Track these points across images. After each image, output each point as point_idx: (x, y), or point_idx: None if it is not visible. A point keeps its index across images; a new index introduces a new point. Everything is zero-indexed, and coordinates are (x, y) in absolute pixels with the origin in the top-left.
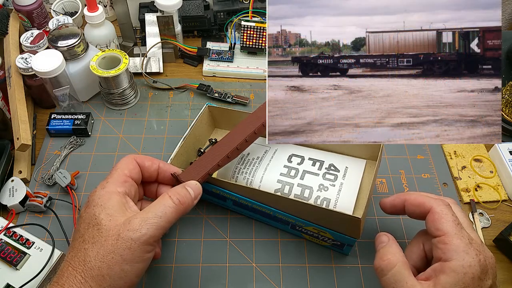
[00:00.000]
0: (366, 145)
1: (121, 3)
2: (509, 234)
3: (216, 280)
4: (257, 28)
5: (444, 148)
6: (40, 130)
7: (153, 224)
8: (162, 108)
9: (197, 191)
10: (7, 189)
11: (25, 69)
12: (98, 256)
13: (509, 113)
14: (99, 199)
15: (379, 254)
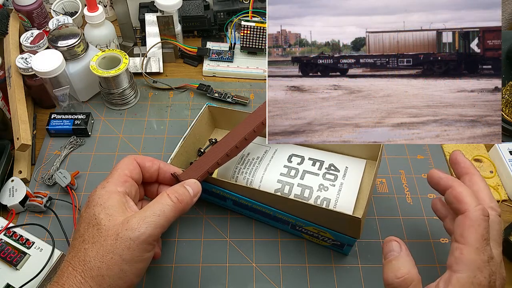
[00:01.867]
0: (366, 145)
1: (121, 3)
2: (509, 234)
3: (216, 280)
4: (257, 28)
5: (444, 148)
6: (40, 130)
7: (152, 223)
8: (162, 108)
9: (196, 189)
10: (7, 189)
11: (25, 69)
12: (97, 256)
13: (509, 113)
14: (99, 199)
15: (392, 267)
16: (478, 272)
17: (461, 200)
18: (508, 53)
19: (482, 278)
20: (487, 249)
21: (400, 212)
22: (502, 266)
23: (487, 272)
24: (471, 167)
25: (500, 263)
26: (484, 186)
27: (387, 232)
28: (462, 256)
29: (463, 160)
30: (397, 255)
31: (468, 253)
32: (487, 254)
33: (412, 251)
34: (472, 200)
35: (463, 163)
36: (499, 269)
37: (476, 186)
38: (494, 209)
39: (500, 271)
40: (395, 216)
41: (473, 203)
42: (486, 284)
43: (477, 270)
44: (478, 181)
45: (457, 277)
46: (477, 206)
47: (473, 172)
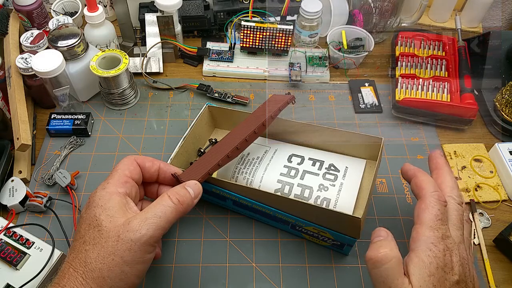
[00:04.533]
0: (366, 145)
1: (121, 3)
2: (509, 234)
3: (216, 280)
4: (257, 28)
5: (444, 148)
6: (40, 130)
7: (153, 224)
8: (162, 108)
9: (197, 190)
10: (7, 189)
11: (25, 69)
12: (98, 258)
13: (509, 113)
14: (100, 200)
15: (375, 246)
16: (433, 246)
17: (420, 187)
18: (508, 53)
19: (437, 251)
20: (441, 228)
21: (400, 212)
22: (462, 248)
23: (441, 246)
24: (443, 164)
25: (459, 243)
26: (449, 179)
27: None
28: (417, 235)
29: (436, 157)
30: (382, 239)
31: (422, 231)
32: (441, 232)
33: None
34: (429, 187)
35: (435, 159)
36: (458, 249)
37: (441, 179)
38: (454, 198)
39: (459, 251)
40: (395, 216)
41: (430, 189)
42: (441, 257)
43: (431, 245)
44: (445, 174)
45: (415, 254)
46: (433, 192)
47: (441, 168)
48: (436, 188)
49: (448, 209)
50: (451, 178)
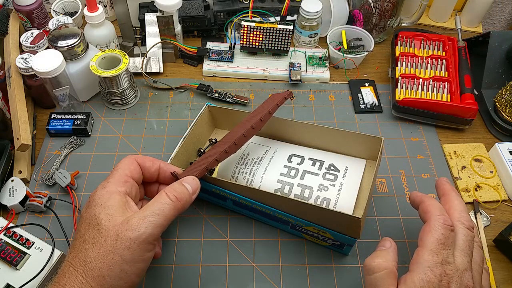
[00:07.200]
0: (366, 145)
1: (121, 3)
2: (509, 234)
3: (216, 280)
4: (257, 28)
5: (444, 148)
6: (40, 130)
7: (151, 222)
8: (162, 108)
9: (194, 186)
10: (7, 189)
11: (25, 69)
12: (98, 257)
13: (509, 113)
14: (100, 199)
15: (374, 254)
16: (429, 271)
17: (426, 211)
18: (508, 53)
19: (432, 276)
20: (442, 252)
21: (400, 212)
22: (467, 276)
23: (438, 272)
24: (450, 189)
25: (463, 270)
26: (458, 204)
27: (387, 232)
28: (417, 257)
29: (442, 183)
30: (384, 249)
31: (422, 254)
32: (442, 257)
33: (411, 251)
34: (435, 210)
35: (442, 186)
36: (461, 276)
37: (449, 204)
38: (463, 223)
39: (462, 279)
40: (395, 216)
41: (435, 213)
42: (436, 282)
43: (427, 268)
44: (453, 199)
45: (410, 276)
46: (439, 215)
47: (449, 193)
48: (443, 212)
49: (456, 233)
50: (460, 203)
